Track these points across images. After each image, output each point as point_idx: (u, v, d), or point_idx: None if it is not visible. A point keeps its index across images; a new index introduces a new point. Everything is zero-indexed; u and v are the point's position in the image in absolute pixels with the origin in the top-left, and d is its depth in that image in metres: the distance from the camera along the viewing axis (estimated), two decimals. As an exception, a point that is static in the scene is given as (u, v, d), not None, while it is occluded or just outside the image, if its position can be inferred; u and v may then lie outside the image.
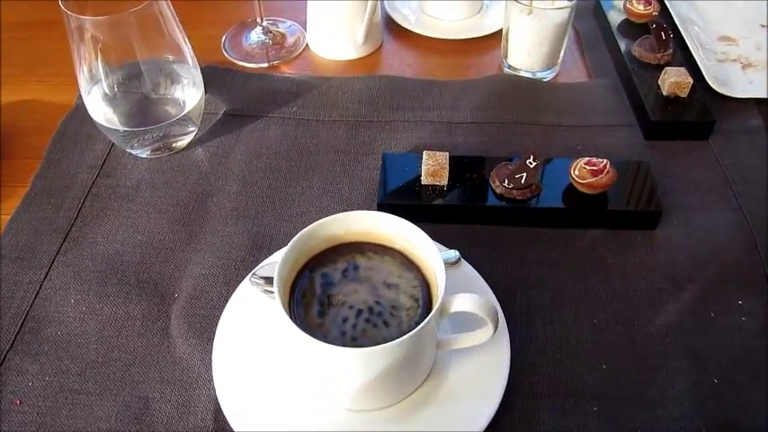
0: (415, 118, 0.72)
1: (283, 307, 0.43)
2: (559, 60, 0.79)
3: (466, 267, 0.54)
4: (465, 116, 0.72)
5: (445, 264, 0.47)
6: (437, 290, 0.45)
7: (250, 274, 0.54)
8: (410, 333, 0.40)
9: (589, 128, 0.71)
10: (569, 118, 0.72)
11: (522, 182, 0.60)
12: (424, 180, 0.62)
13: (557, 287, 0.57)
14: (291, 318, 0.42)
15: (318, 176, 0.67)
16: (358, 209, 0.55)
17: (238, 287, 0.54)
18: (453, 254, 0.54)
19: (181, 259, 0.59)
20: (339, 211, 0.60)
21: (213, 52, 0.90)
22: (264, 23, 0.84)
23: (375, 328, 0.43)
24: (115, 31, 0.65)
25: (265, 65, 0.89)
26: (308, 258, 0.49)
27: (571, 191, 0.61)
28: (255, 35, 0.86)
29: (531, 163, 0.60)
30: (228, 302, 0.53)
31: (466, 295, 0.45)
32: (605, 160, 0.59)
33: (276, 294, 0.43)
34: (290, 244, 0.47)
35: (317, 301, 0.45)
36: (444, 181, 0.61)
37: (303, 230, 0.47)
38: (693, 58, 0.75)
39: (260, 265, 0.55)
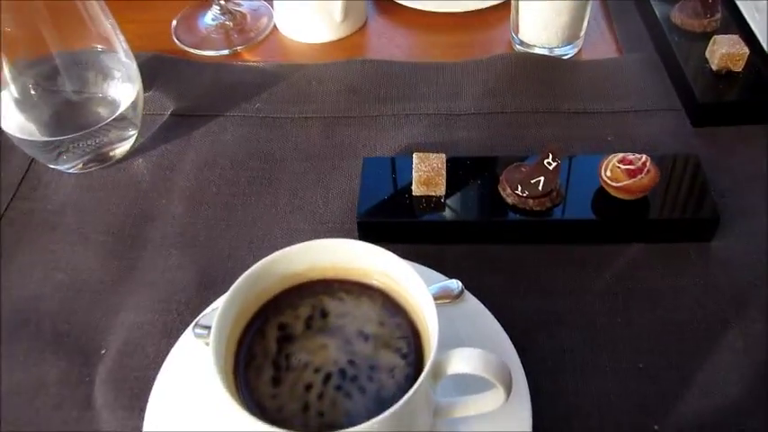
0: (405, 111, 0.69)
1: (220, 376, 0.38)
2: (582, 33, 0.76)
3: (471, 302, 0.50)
4: (467, 106, 0.69)
5: (445, 298, 0.46)
6: (429, 342, 0.40)
7: (193, 323, 0.50)
8: (395, 406, 0.36)
9: (622, 115, 0.68)
10: (597, 103, 0.69)
11: (540, 188, 0.56)
12: (416, 190, 0.58)
13: (590, 323, 0.52)
14: (232, 390, 0.38)
15: (286, 189, 0.63)
16: (334, 228, 0.58)
17: (179, 340, 0.50)
18: (455, 285, 0.50)
19: (111, 304, 0.55)
20: (311, 233, 0.60)
21: (162, 39, 0.85)
22: (222, 2, 0.80)
23: (348, 398, 0.39)
24: (22, 19, 0.58)
25: (225, 52, 0.83)
26: (260, 304, 0.44)
27: (602, 197, 0.57)
28: (212, 16, 0.82)
29: (549, 163, 0.56)
30: (166, 361, 0.48)
31: (467, 352, 0.40)
32: (644, 156, 0.55)
33: (212, 357, 0.39)
34: (233, 287, 0.42)
35: (272, 364, 0.41)
36: (441, 190, 0.58)
37: (252, 268, 0.43)
38: (747, 24, 0.71)
39: (207, 309, 0.51)
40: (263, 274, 0.44)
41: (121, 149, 0.67)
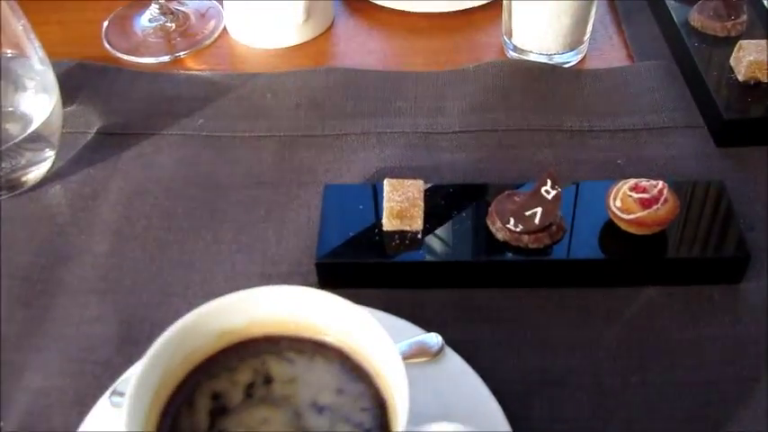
0: (377, 129, 0.69)
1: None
2: (586, 38, 0.76)
3: (453, 360, 0.49)
4: (451, 123, 0.70)
5: (422, 356, 0.46)
6: (398, 415, 0.39)
7: (111, 389, 0.48)
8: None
9: (634, 133, 0.69)
10: (604, 120, 0.70)
11: (537, 221, 0.55)
12: (388, 224, 0.57)
13: (597, 385, 0.51)
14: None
15: (232, 223, 0.62)
16: (289, 271, 0.58)
17: (93, 409, 0.48)
18: (434, 340, 0.50)
19: (13, 364, 0.53)
20: (260, 277, 0.58)
21: (90, 44, 0.84)
22: (163, 0, 0.79)
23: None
24: None
25: (164, 59, 0.82)
26: (190, 368, 0.42)
27: (612, 231, 0.57)
28: (150, 17, 0.82)
29: (548, 191, 0.55)
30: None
31: (445, 428, 0.39)
32: (660, 182, 0.55)
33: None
34: (155, 345, 0.40)
35: (202, 443, 0.38)
36: (418, 224, 0.57)
37: (179, 323, 0.41)
38: (777, 26, 0.72)
39: (128, 371, 0.50)
40: (194, 329, 0.42)
41: (35, 174, 0.65)
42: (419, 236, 0.57)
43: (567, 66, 0.76)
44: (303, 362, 0.43)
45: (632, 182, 0.56)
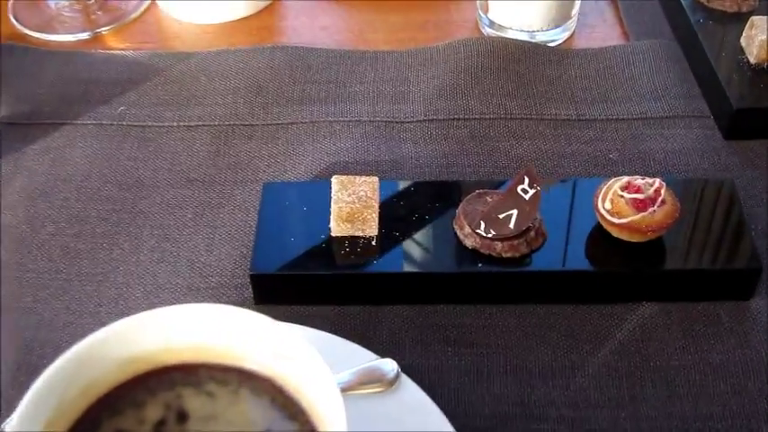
0: (329, 117, 0.69)
1: None
2: (575, 12, 0.76)
3: (410, 390, 0.49)
4: (416, 110, 0.70)
5: (374, 385, 0.47)
6: None
7: None
8: None
9: (629, 123, 0.69)
10: (594, 107, 0.70)
11: (512, 226, 0.55)
12: (336, 229, 0.57)
13: (582, 421, 0.51)
14: None
15: (155, 228, 0.62)
16: (220, 284, 0.58)
17: None
18: (388, 366, 0.50)
19: None
20: (186, 291, 0.58)
21: None
22: None
23: None
24: None
25: (83, 36, 0.81)
26: (89, 402, 0.41)
27: (601, 238, 0.57)
28: None
29: (525, 190, 0.55)
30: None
31: None
32: (657, 181, 0.55)
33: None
34: (44, 375, 0.39)
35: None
36: (372, 229, 0.57)
37: (74, 349, 0.40)
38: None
39: (18, 410, 0.45)
40: (93, 356, 0.41)
41: None
42: (373, 242, 0.57)
43: (551, 45, 0.77)
44: (226, 395, 0.42)
45: (625, 180, 0.56)
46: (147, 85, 0.73)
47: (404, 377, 0.49)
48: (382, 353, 0.51)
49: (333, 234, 0.58)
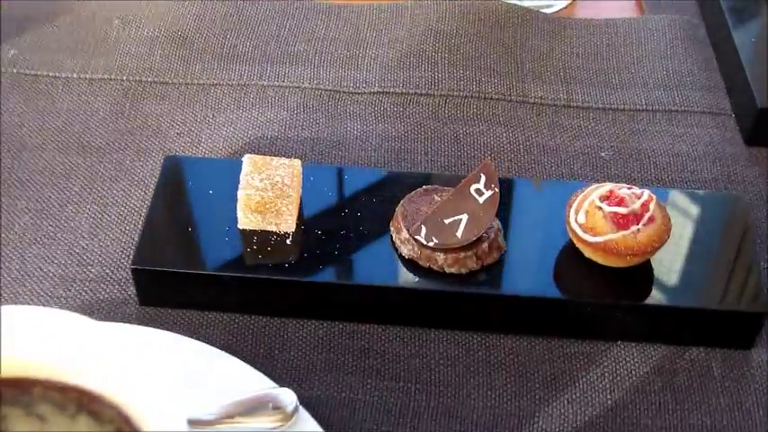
0: (263, 79, 0.68)
1: None
2: None
3: (306, 429, 0.48)
4: (369, 79, 0.69)
5: (266, 419, 0.47)
6: None
7: None
8: None
9: (630, 115, 0.67)
10: (590, 92, 0.69)
11: (459, 234, 0.54)
12: (243, 220, 0.56)
13: None
14: None
15: (31, 200, 0.61)
16: (101, 277, 0.56)
17: None
18: (286, 398, 0.48)
19: None
20: (59, 282, 0.57)
21: None
22: None
23: None
24: None
25: None
26: None
27: (572, 258, 0.56)
28: None
29: (480, 191, 0.54)
30: None
31: None
32: (646, 192, 0.54)
33: None
34: None
35: None
36: (288, 224, 0.56)
37: None
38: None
39: None
40: None
41: None
42: (288, 241, 0.56)
43: (546, 11, 0.75)
44: (61, 421, 0.40)
45: (606, 188, 0.54)
46: (47, 27, 0.70)
47: (303, 412, 0.48)
48: (282, 380, 0.51)
49: (239, 227, 0.56)
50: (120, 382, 0.41)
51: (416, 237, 0.54)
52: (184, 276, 0.55)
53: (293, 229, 0.56)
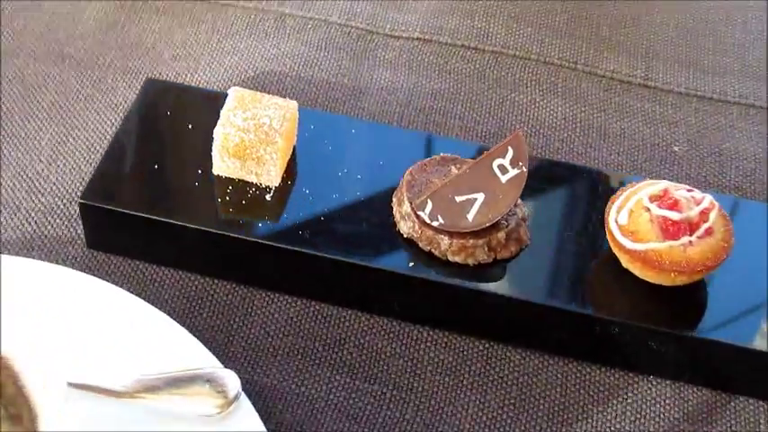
0: (286, 6, 0.68)
1: None
2: None
3: (243, 420, 0.48)
4: (411, 22, 0.68)
5: (198, 401, 0.47)
6: None
7: None
8: None
9: (718, 106, 0.66)
10: (674, 72, 0.68)
11: (471, 217, 0.53)
12: (219, 165, 0.55)
13: None
14: None
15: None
16: (52, 209, 0.56)
17: None
18: (229, 382, 0.48)
19: None
20: (10, 208, 0.57)
21: None
22: None
23: None
24: None
25: None
26: None
27: (608, 267, 0.55)
28: None
29: (504, 168, 0.53)
30: None
31: None
32: (708, 198, 0.53)
33: None
34: None
35: None
36: (270, 176, 0.55)
37: None
38: None
39: None
40: None
41: None
42: (268, 197, 0.55)
43: None
44: None
45: (661, 185, 0.52)
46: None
47: (245, 402, 0.48)
48: (236, 361, 0.51)
49: (214, 171, 0.55)
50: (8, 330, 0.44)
51: (419, 213, 0.53)
52: (139, 221, 0.54)
53: (276, 184, 0.55)
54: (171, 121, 0.58)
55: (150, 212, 0.54)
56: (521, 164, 0.52)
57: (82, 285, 0.50)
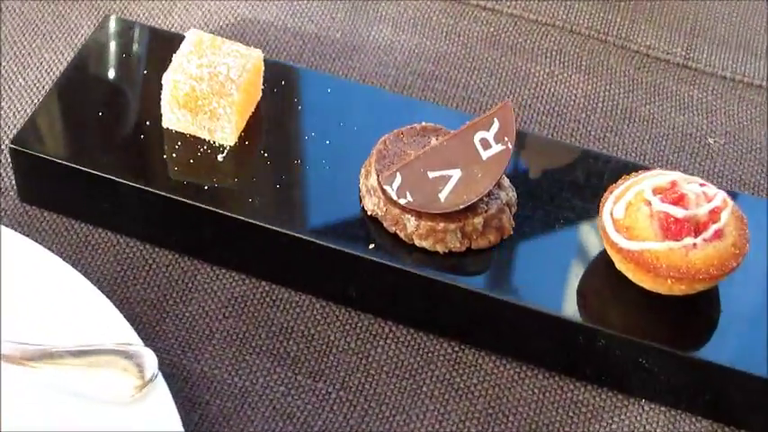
0: None
1: None
2: None
3: (155, 407, 0.48)
4: None
5: (109, 373, 0.47)
6: None
7: None
8: None
9: (735, 84, 0.66)
10: (721, 55, 0.68)
11: (443, 197, 0.52)
12: (168, 118, 0.55)
13: None
14: None
15: None
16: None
17: None
18: (146, 361, 0.48)
19: None
20: None
21: None
22: None
23: None
24: None
25: None
26: None
27: (603, 269, 0.54)
28: None
29: (487, 143, 0.52)
30: None
31: None
32: (722, 195, 0.51)
33: None
34: None
35: None
36: (226, 135, 0.55)
37: None
38: None
39: None
40: None
41: None
42: (220, 157, 0.54)
43: None
44: None
45: (670, 177, 0.51)
46: None
47: (161, 385, 0.48)
48: (165, 341, 0.51)
49: (163, 124, 0.55)
50: None
51: (385, 187, 0.52)
52: (73, 173, 0.54)
53: (232, 143, 0.54)
54: (126, 65, 0.57)
55: (85, 165, 0.53)
56: (506, 139, 0.51)
57: (3, 242, 0.50)
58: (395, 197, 0.51)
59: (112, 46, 0.58)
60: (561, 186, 0.56)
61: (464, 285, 0.51)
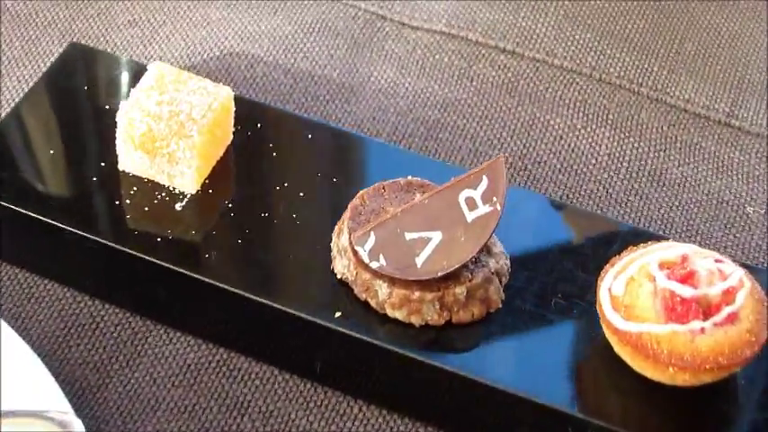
0: None
1: None
2: None
3: None
4: (433, 9, 0.69)
5: None
6: None
7: None
8: None
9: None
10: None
11: (420, 262, 0.52)
12: (124, 161, 0.55)
13: None
14: None
15: None
16: None
17: None
18: (74, 426, 0.48)
19: None
20: None
21: None
22: None
23: None
24: None
25: None
26: None
27: (602, 353, 0.52)
28: None
29: (473, 202, 0.51)
30: None
31: None
32: (741, 272, 0.50)
33: None
34: None
35: None
36: (187, 182, 0.55)
37: None
38: None
39: None
40: None
41: None
42: (179, 206, 0.54)
43: None
44: None
45: (681, 250, 0.50)
46: None
47: None
48: (98, 408, 0.50)
49: (119, 167, 0.55)
50: None
51: (357, 248, 0.51)
52: (17, 217, 0.53)
53: (193, 191, 0.54)
54: (86, 97, 0.57)
55: (29, 209, 0.53)
56: (495, 200, 0.50)
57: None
58: (366, 260, 0.50)
59: (74, 76, 0.59)
60: (563, 256, 0.55)
61: (441, 365, 0.50)
